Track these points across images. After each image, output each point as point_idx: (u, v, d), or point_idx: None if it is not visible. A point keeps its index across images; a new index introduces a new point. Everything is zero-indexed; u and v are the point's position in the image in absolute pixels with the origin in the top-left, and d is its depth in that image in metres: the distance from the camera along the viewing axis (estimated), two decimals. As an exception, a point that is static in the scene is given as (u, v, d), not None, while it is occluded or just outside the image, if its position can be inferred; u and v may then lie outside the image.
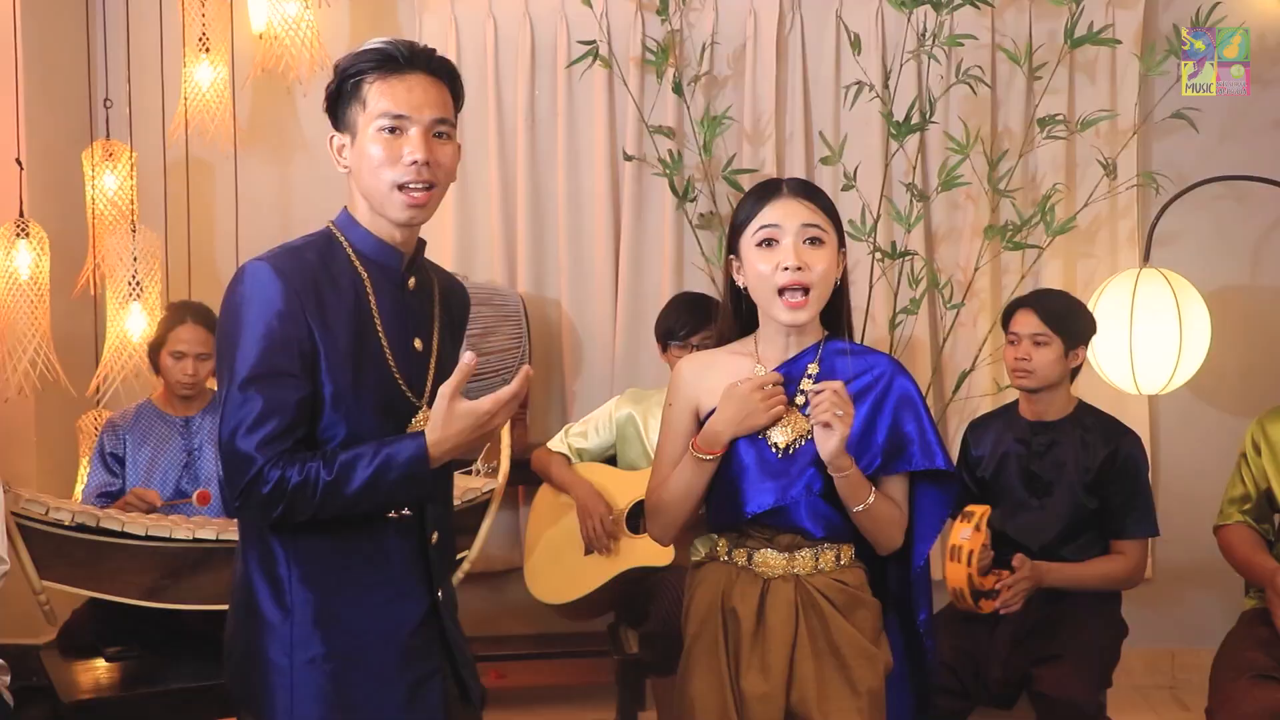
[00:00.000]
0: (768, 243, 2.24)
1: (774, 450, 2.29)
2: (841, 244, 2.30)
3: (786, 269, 2.22)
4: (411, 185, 2.00)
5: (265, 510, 1.93)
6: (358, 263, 2.05)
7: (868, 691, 2.25)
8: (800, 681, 2.26)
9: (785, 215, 2.25)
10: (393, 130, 2.00)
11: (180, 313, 3.65)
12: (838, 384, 2.20)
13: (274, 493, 1.91)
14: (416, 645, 2.05)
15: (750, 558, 2.33)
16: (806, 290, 2.23)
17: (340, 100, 2.05)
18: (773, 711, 2.25)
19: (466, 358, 1.92)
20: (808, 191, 2.29)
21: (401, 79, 2.01)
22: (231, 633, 2.11)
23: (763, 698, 2.26)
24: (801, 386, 2.30)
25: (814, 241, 2.24)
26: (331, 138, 2.07)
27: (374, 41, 2.04)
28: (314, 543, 2.00)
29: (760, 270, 2.24)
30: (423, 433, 1.95)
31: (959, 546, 3.04)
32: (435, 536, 2.10)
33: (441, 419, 1.94)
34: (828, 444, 2.20)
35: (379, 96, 2.00)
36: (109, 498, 3.55)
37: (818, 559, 2.31)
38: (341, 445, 1.96)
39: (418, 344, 2.09)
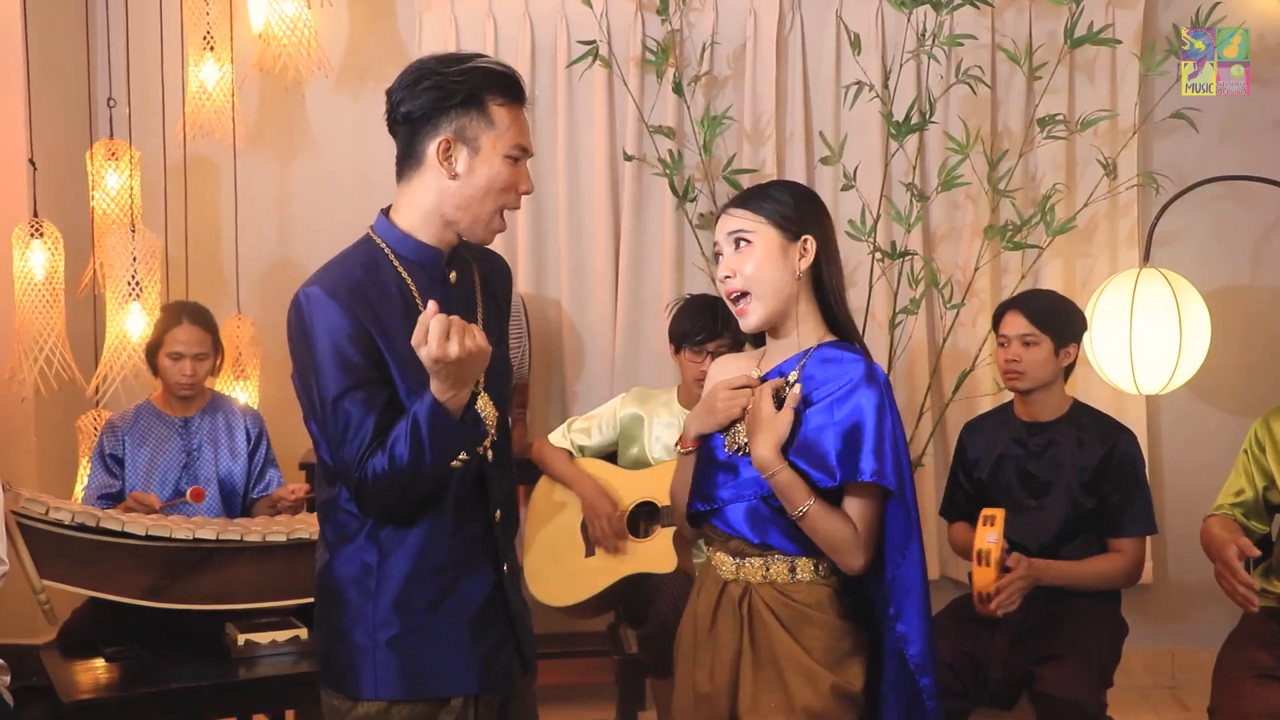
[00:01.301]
0: (716, 258, 2.31)
1: (725, 452, 2.31)
2: (795, 235, 2.24)
3: (723, 279, 2.27)
4: (511, 209, 2.16)
5: (381, 502, 2.06)
6: (399, 266, 2.13)
7: (804, 710, 2.21)
8: (742, 689, 2.28)
9: (720, 229, 2.29)
10: (516, 160, 2.12)
11: (176, 313, 3.64)
12: (735, 379, 2.29)
13: (373, 488, 2.03)
14: (485, 619, 2.17)
15: (712, 558, 2.35)
16: (744, 295, 2.25)
17: (454, 107, 2.08)
18: (716, 712, 2.28)
19: (429, 309, 1.99)
20: (744, 198, 2.29)
21: (522, 110, 2.14)
22: (318, 619, 2.23)
23: (705, 697, 2.29)
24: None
25: (739, 244, 2.25)
26: (441, 141, 2.08)
27: (487, 60, 2.11)
28: (399, 531, 2.12)
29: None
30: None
31: (986, 551, 3.00)
32: (499, 514, 2.20)
33: (433, 372, 2.04)
34: (752, 445, 2.23)
35: (512, 126, 2.11)
36: (109, 499, 3.54)
37: (768, 569, 2.27)
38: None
39: None
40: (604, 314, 4.35)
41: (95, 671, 3.12)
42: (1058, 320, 3.35)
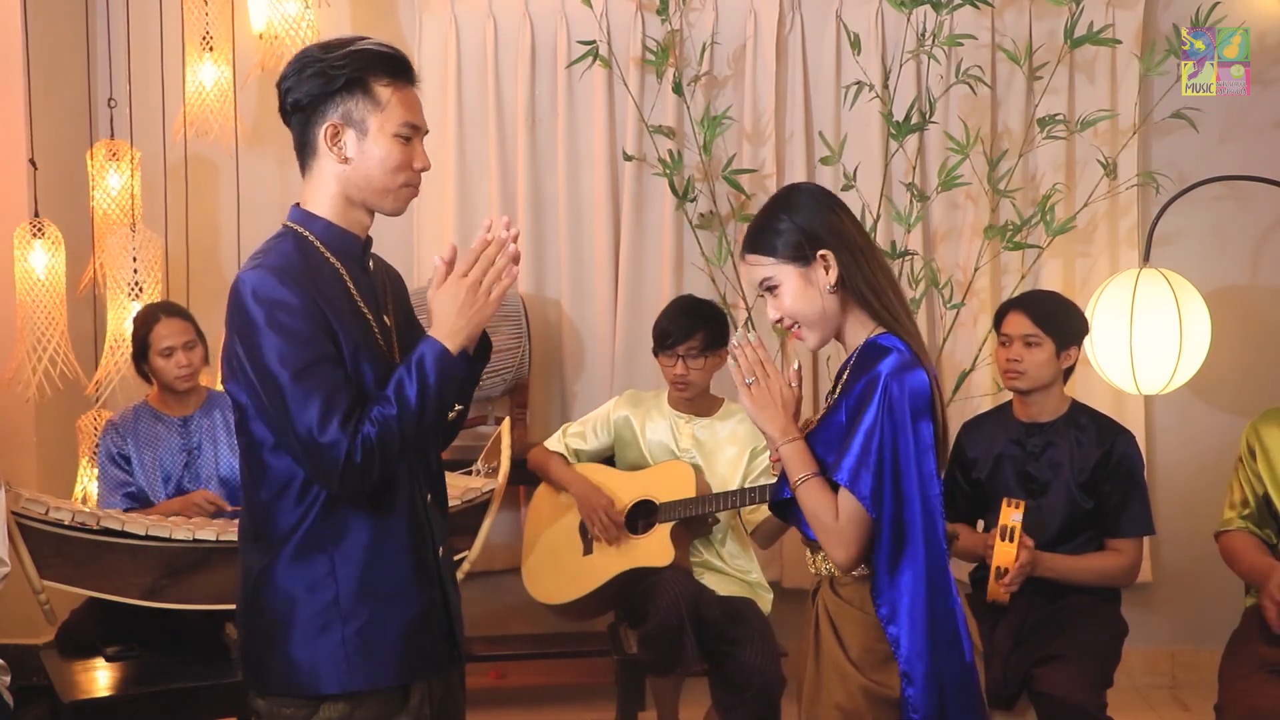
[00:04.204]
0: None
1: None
2: (810, 258, 2.20)
3: (775, 321, 2.28)
4: (413, 184, 2.17)
5: (367, 477, 2.03)
6: (328, 254, 2.13)
7: (835, 707, 2.22)
8: (806, 681, 2.31)
9: (745, 277, 2.31)
10: (408, 139, 2.12)
11: (153, 313, 3.65)
12: (746, 340, 2.28)
13: (366, 458, 2.01)
14: (430, 604, 2.18)
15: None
16: (795, 324, 2.26)
17: (338, 92, 2.09)
18: (802, 703, 2.32)
19: (436, 259, 2.11)
20: (753, 240, 2.26)
21: (411, 89, 2.15)
22: (252, 626, 2.16)
23: (800, 685, 2.33)
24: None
25: (769, 290, 2.26)
26: (328, 126, 2.10)
27: (369, 42, 2.12)
28: (349, 523, 2.10)
29: None
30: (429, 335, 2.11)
31: (1011, 528, 3.09)
32: (430, 497, 2.22)
33: (434, 313, 2.10)
34: (747, 406, 2.26)
35: (399, 105, 2.11)
36: (131, 497, 3.54)
37: (827, 562, 2.26)
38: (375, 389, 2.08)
39: (386, 319, 2.20)
40: (604, 314, 4.35)
41: (95, 671, 3.13)
42: (1061, 322, 3.35)
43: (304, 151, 2.16)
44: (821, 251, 2.20)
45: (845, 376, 2.25)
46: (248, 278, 2.04)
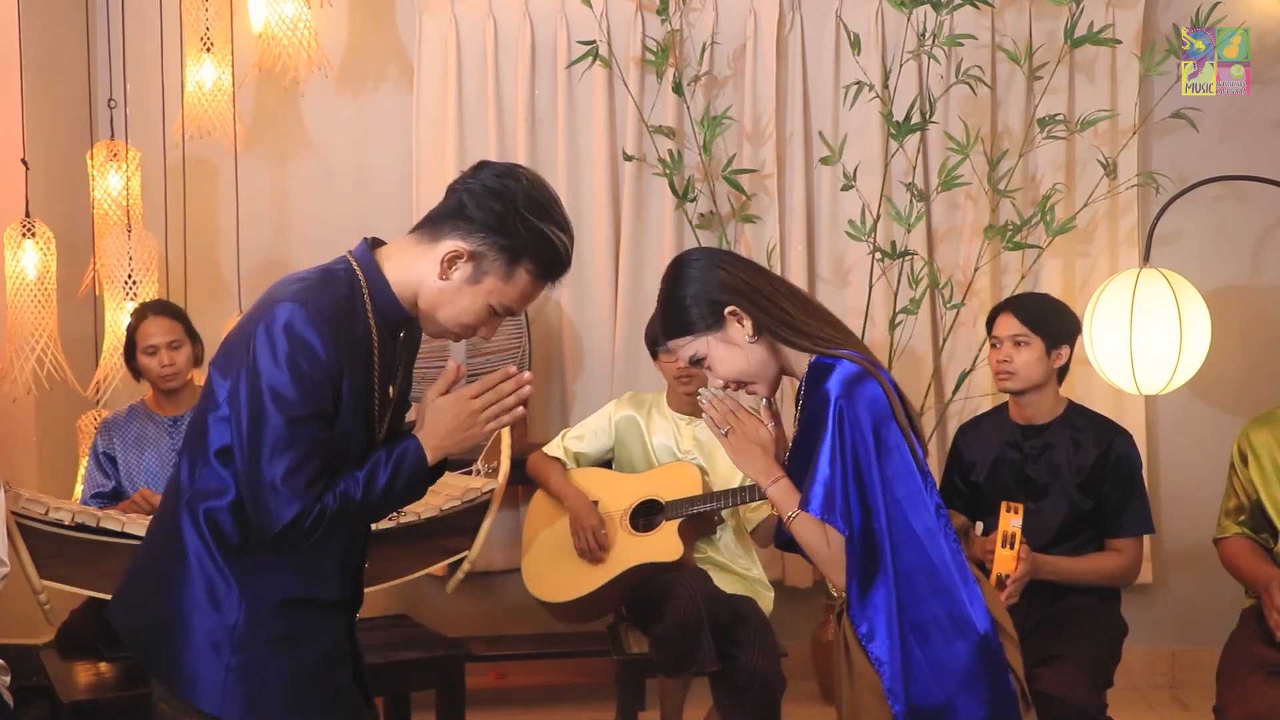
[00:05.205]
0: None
1: None
2: (719, 318, 2.24)
3: (723, 389, 2.32)
4: (462, 338, 2.17)
5: (306, 541, 2.04)
6: (370, 312, 2.09)
7: None
8: (841, 703, 2.31)
9: (681, 359, 2.34)
10: (496, 313, 2.12)
11: (141, 312, 3.65)
12: (713, 393, 2.31)
13: (315, 525, 2.02)
14: (337, 656, 2.18)
15: None
16: (742, 385, 2.29)
17: (494, 239, 2.05)
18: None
19: (450, 366, 2.12)
20: (667, 325, 2.30)
21: (544, 286, 2.14)
22: (157, 601, 2.13)
23: (840, 709, 2.33)
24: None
25: (699, 365, 2.29)
26: (458, 250, 2.05)
27: (560, 235, 2.10)
28: (276, 565, 2.10)
29: None
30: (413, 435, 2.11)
31: (1011, 534, 3.05)
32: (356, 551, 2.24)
33: (428, 418, 2.10)
34: (730, 456, 2.29)
35: (519, 292, 2.10)
36: (103, 499, 3.54)
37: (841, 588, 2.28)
38: (353, 464, 2.08)
39: (390, 391, 2.19)
40: (604, 314, 4.35)
41: (95, 671, 3.13)
42: (1050, 321, 3.34)
43: (429, 229, 2.09)
44: (728, 309, 2.24)
45: (801, 401, 2.27)
46: (289, 309, 1.99)
